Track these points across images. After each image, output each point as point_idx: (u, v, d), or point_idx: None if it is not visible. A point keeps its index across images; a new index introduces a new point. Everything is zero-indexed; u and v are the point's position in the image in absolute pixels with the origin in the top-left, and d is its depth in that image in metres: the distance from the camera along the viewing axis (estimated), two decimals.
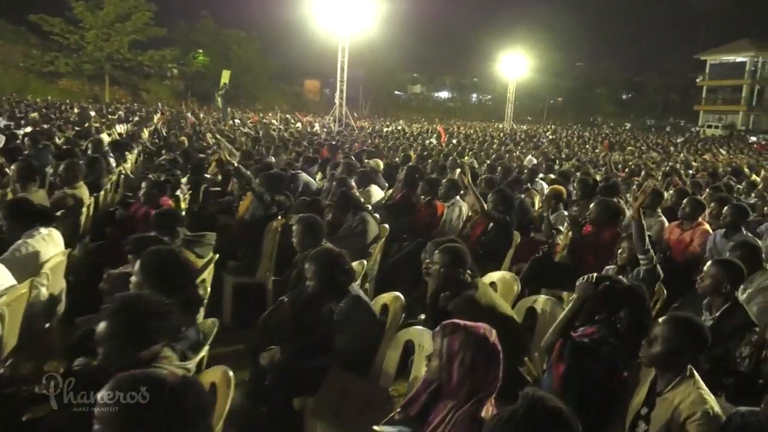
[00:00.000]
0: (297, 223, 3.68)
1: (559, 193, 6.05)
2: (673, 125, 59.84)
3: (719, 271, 3.17)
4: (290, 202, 5.32)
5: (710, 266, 3.25)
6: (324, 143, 13.56)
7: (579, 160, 13.48)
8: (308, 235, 3.67)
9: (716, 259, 3.31)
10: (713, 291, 3.18)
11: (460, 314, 2.82)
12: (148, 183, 4.68)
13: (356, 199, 4.99)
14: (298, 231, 3.65)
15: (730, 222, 4.92)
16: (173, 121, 21.28)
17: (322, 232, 3.75)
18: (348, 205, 4.93)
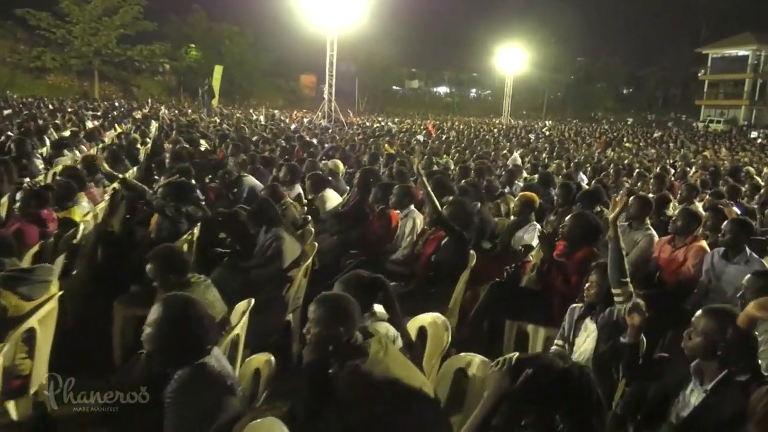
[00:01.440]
0: (150, 259, 2.80)
1: (530, 201, 5.21)
2: (675, 120, 58.86)
3: (713, 325, 2.32)
4: (202, 212, 4.46)
5: (700, 317, 2.40)
6: (298, 142, 12.74)
7: (569, 158, 12.62)
8: (165, 271, 2.75)
9: (709, 308, 2.46)
10: (705, 353, 2.34)
11: (347, 393, 2.00)
12: (24, 193, 3.84)
13: (272, 212, 4.14)
14: (150, 269, 2.77)
15: (730, 241, 4.08)
16: (151, 119, 20.45)
17: (184, 265, 2.84)
18: (260, 219, 4.08)
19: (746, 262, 4.04)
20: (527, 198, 5.20)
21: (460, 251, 4.09)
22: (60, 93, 42.13)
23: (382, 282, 2.77)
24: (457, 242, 4.11)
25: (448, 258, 4.10)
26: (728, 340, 2.25)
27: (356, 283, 2.70)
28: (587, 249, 4.06)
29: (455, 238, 4.11)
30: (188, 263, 2.78)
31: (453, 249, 4.11)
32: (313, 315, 2.20)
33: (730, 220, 4.15)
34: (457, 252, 4.08)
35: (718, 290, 4.15)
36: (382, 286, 2.75)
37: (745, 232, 4.08)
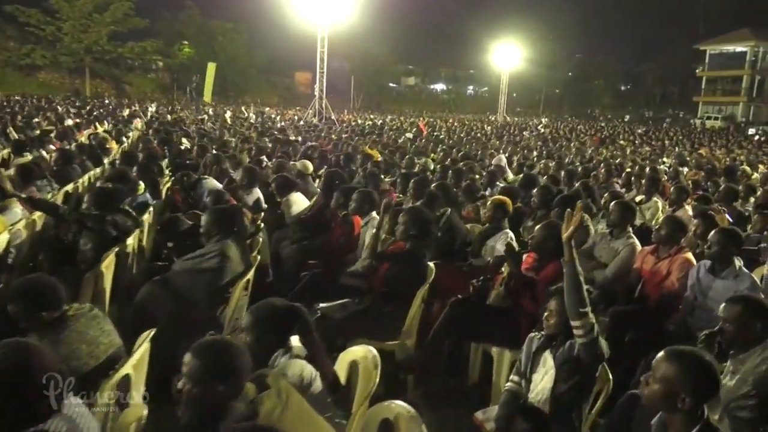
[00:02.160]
0: (10, 298, 2.32)
1: (501, 205, 4.78)
2: (672, 117, 58.47)
3: (674, 372, 1.91)
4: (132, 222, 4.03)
5: (661, 361, 1.99)
6: (279, 140, 12.33)
7: (560, 157, 12.21)
8: (34, 310, 2.25)
9: (672, 351, 2.02)
10: (665, 404, 1.93)
11: None
12: None
13: (232, 220, 3.71)
14: (14, 310, 2.29)
15: (718, 253, 3.67)
16: (136, 117, 20.00)
17: (57, 298, 2.33)
18: (217, 229, 3.64)
19: (735, 277, 3.64)
20: (498, 202, 4.78)
21: (413, 265, 3.67)
22: (51, 91, 41.61)
23: (298, 313, 2.36)
24: (409, 255, 3.70)
25: (401, 273, 3.69)
26: (693, 390, 1.84)
27: (268, 314, 2.29)
28: (559, 263, 3.64)
29: (408, 251, 3.70)
30: (61, 293, 2.33)
31: (405, 263, 3.69)
32: (187, 368, 1.79)
33: (717, 231, 3.74)
34: (410, 266, 3.67)
35: (705, 308, 3.74)
36: (298, 317, 2.33)
37: (733, 244, 3.67)
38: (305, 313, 2.37)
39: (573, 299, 2.46)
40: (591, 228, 5.04)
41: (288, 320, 2.29)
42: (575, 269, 2.51)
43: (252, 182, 5.46)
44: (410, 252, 3.72)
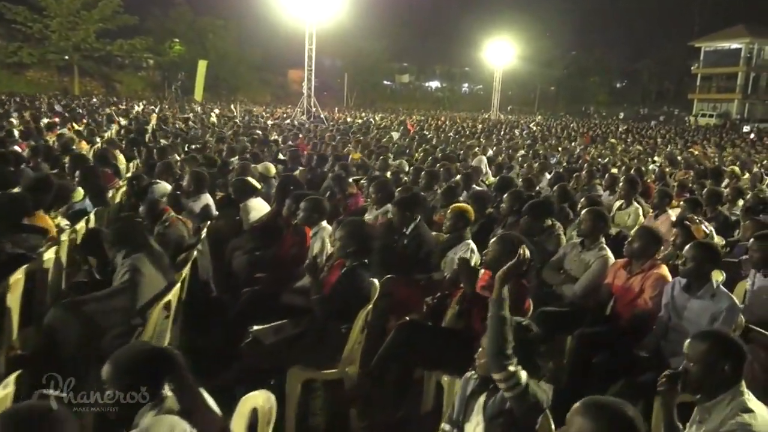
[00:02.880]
0: None
1: (462, 214, 4.41)
2: (667, 114, 58.24)
3: (589, 429, 1.58)
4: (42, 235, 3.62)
5: (575, 414, 1.68)
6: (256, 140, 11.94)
7: (546, 157, 11.84)
8: None
9: (588, 402, 1.68)
10: None
11: None
12: None
13: (132, 234, 3.32)
14: None
15: (693, 270, 3.30)
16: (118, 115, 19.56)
17: None
18: (120, 241, 3.26)
19: (712, 297, 3.27)
20: (458, 210, 4.40)
21: (353, 284, 3.29)
22: (39, 89, 41.09)
23: (167, 357, 1.97)
24: (349, 273, 3.32)
25: (340, 292, 3.31)
26: None
27: (128, 362, 1.92)
28: (515, 281, 3.27)
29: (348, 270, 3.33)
30: None
31: (344, 281, 3.31)
32: None
33: (692, 245, 3.36)
34: (350, 285, 3.29)
35: (680, 329, 3.37)
36: (167, 362, 1.95)
37: (710, 260, 3.30)
38: (176, 357, 1.98)
39: (494, 347, 2.09)
40: (562, 237, 4.68)
41: (154, 367, 1.91)
42: (501, 311, 2.14)
43: (200, 188, 5.06)
44: (349, 270, 3.34)
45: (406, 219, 4.59)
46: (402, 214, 4.60)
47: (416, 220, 4.63)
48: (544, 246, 4.64)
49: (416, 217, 4.61)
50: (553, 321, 3.83)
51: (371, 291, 3.37)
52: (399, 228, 4.74)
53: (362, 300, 3.26)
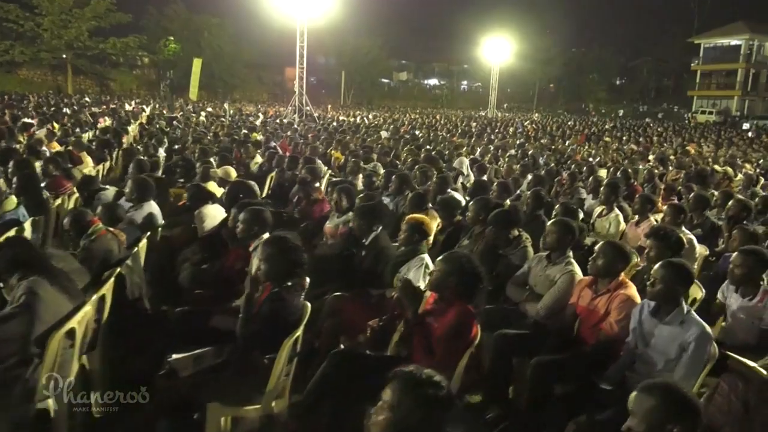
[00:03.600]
0: None
1: (417, 225, 4.05)
2: (666, 111, 57.78)
3: None
4: None
5: None
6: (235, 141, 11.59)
7: (534, 158, 11.46)
8: None
9: None
10: None
11: None
12: None
13: (23, 254, 2.95)
14: None
15: (662, 292, 2.94)
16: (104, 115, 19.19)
17: None
18: (10, 267, 2.90)
19: (682, 323, 2.92)
20: (413, 222, 4.03)
21: (276, 311, 2.93)
22: (32, 88, 40.70)
23: None
24: (273, 298, 2.96)
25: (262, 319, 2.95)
26: None
27: None
28: (460, 306, 2.92)
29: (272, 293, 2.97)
30: None
31: (267, 307, 2.95)
32: None
33: (661, 264, 3.00)
34: (272, 312, 2.93)
35: (647, 359, 3.03)
36: None
37: (681, 281, 2.94)
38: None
39: None
40: (529, 250, 4.32)
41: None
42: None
43: (144, 195, 4.70)
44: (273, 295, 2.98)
45: (365, 229, 4.24)
46: (361, 224, 4.26)
47: (376, 230, 4.28)
48: (509, 259, 4.30)
49: (376, 227, 4.26)
50: (511, 345, 3.50)
51: (301, 316, 3.02)
52: (358, 238, 4.41)
53: (288, 327, 2.90)
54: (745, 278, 3.49)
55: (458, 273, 2.92)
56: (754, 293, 3.45)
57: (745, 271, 3.45)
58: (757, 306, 3.42)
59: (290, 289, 3.00)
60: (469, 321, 2.88)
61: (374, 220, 4.19)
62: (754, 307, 3.44)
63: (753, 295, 3.46)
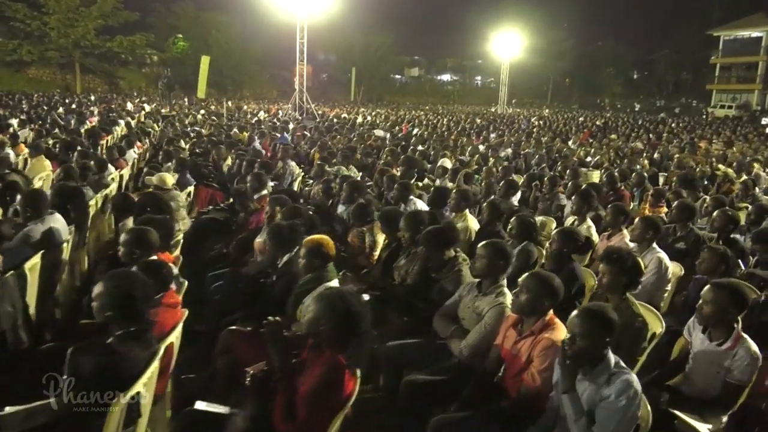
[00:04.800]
0: None
1: (319, 247, 3.48)
2: (684, 106, 56.33)
3: None
4: None
5: None
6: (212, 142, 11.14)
7: (527, 157, 10.82)
8: None
9: None
10: None
11: None
12: None
13: None
14: None
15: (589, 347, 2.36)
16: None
17: None
18: None
19: (608, 380, 2.33)
20: (309, 245, 3.46)
21: (104, 363, 2.41)
22: (41, 87, 40.80)
23: None
24: (103, 350, 2.44)
25: (90, 372, 2.42)
26: None
27: None
28: (331, 357, 2.36)
29: (113, 340, 2.46)
30: None
31: (94, 360, 2.42)
32: None
33: (579, 313, 2.42)
34: (99, 364, 2.40)
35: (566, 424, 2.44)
36: None
37: (603, 330, 2.36)
38: None
39: None
40: (465, 273, 3.75)
41: None
42: None
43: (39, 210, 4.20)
44: (114, 341, 2.46)
45: (275, 250, 3.71)
46: (272, 244, 3.73)
47: (291, 252, 3.74)
48: (442, 285, 3.73)
49: (291, 247, 3.73)
50: (420, 394, 2.94)
51: (143, 368, 2.49)
52: (271, 261, 3.88)
53: (120, 385, 2.38)
54: (715, 318, 2.89)
55: (330, 315, 2.38)
56: (725, 337, 2.85)
57: (716, 309, 2.84)
58: (726, 353, 2.82)
59: (131, 336, 2.48)
60: (340, 376, 2.33)
61: (287, 241, 3.65)
62: (722, 353, 2.84)
63: (723, 340, 2.85)
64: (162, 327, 2.91)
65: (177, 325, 2.99)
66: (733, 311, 2.81)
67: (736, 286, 2.86)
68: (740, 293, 2.82)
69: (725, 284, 2.86)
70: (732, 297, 2.79)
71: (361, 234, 5.00)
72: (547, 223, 6.00)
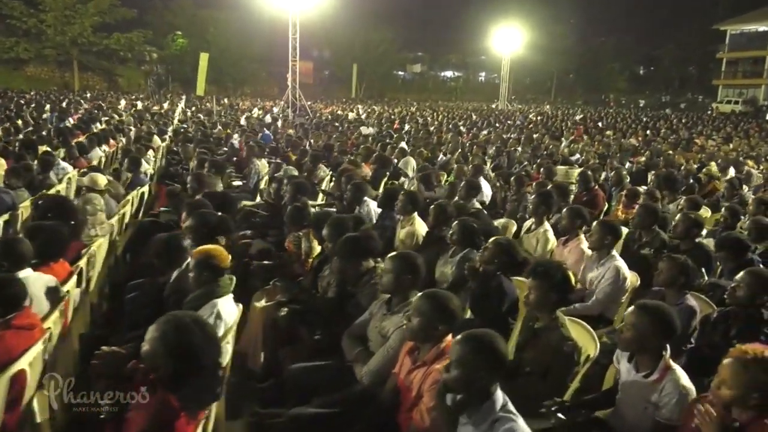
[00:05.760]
0: None
1: (206, 261, 3.06)
2: (690, 101, 55.53)
3: None
4: None
5: None
6: None
7: (509, 155, 10.41)
8: None
9: None
10: None
11: None
12: None
13: None
14: None
15: (461, 381, 1.98)
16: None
17: None
18: None
19: (493, 424, 1.94)
20: (198, 257, 3.04)
21: None
22: (39, 85, 40.64)
23: None
24: None
25: None
26: None
27: None
28: (162, 396, 1.98)
29: None
30: None
31: None
32: None
33: (458, 341, 2.02)
34: None
35: None
36: None
37: (487, 364, 1.96)
38: None
39: None
40: None
41: None
42: None
43: None
44: None
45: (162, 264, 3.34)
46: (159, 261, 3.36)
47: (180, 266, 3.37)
48: (357, 299, 3.35)
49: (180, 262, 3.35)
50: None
51: None
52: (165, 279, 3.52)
53: None
54: (636, 345, 2.49)
55: (161, 348, 2.00)
56: (652, 368, 2.44)
57: (637, 335, 2.44)
58: (653, 386, 2.41)
59: None
60: (169, 421, 1.94)
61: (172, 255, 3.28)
62: (649, 387, 2.43)
63: (650, 371, 2.45)
64: (8, 352, 2.54)
65: (30, 349, 2.62)
66: (655, 339, 2.41)
67: (662, 310, 2.45)
68: (665, 318, 2.41)
69: (649, 307, 2.46)
70: (654, 322, 2.39)
71: (297, 239, 4.62)
72: (508, 226, 5.62)
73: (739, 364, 2.01)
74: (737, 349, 2.05)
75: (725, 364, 2.06)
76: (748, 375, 1.98)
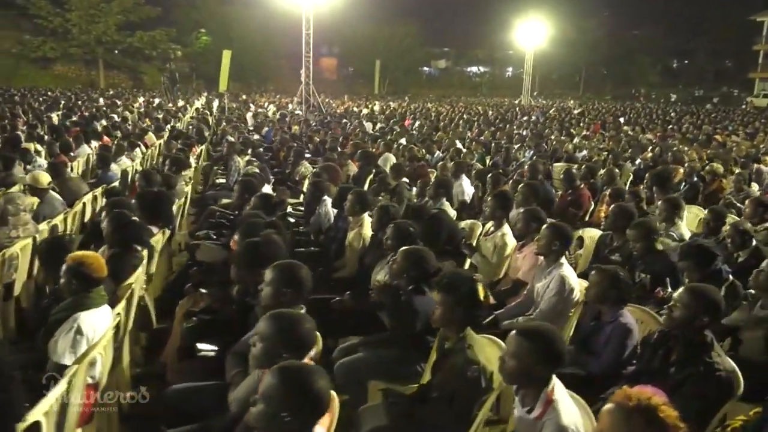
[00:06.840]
0: None
1: (75, 268, 2.78)
2: (725, 95, 53.58)
3: None
4: None
5: None
6: None
7: (507, 152, 9.96)
8: None
9: None
10: None
11: None
12: None
13: None
14: None
15: None
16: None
17: None
18: None
19: None
20: (71, 262, 2.70)
21: None
22: (66, 83, 41.40)
23: None
24: None
25: None
26: None
27: None
28: None
29: None
30: None
31: None
32: None
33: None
34: None
35: None
36: None
37: None
38: None
39: None
40: None
41: None
42: None
43: None
44: None
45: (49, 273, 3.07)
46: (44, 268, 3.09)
47: None
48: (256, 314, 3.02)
49: None
50: None
51: None
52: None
53: None
54: (519, 377, 2.11)
55: None
56: (533, 404, 2.06)
57: (518, 365, 2.05)
58: (534, 424, 2.03)
59: None
60: None
61: (54, 261, 3.00)
62: (532, 424, 2.05)
63: (531, 407, 2.06)
64: None
65: None
66: (541, 368, 2.02)
67: (544, 331, 2.06)
68: (549, 344, 2.02)
69: (529, 331, 2.07)
70: (537, 350, 2.00)
71: None
72: (473, 227, 5.22)
73: (621, 414, 1.61)
74: (620, 394, 1.65)
75: (605, 412, 1.66)
76: (629, 427, 1.58)
